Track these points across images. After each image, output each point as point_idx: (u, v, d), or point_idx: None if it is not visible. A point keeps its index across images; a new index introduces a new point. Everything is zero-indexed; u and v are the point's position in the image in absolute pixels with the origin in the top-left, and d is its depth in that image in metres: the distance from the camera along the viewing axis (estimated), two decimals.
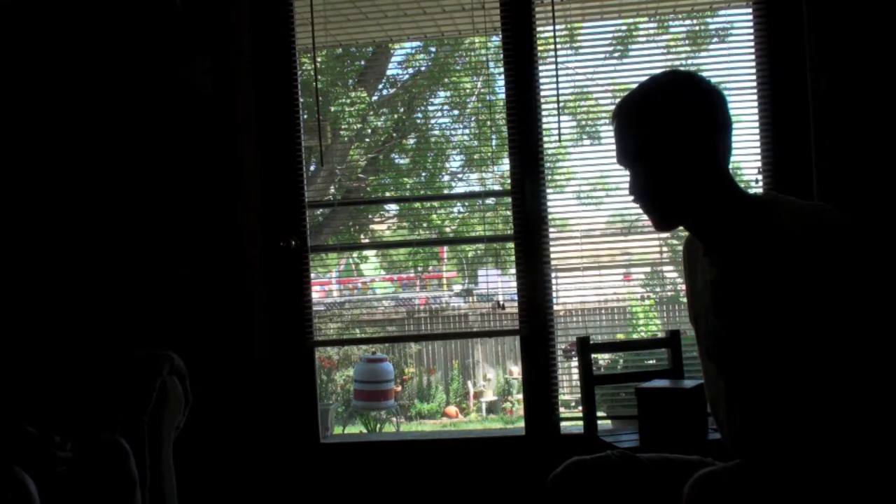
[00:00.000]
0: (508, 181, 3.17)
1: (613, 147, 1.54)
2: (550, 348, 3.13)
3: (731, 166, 1.52)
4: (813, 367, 1.36)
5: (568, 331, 3.36)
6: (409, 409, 6.66)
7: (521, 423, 3.27)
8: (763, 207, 1.45)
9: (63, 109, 3.14)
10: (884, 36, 2.89)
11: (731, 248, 1.45)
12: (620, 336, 3.70)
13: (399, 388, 6.50)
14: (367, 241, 4.40)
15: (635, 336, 3.73)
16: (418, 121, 4.27)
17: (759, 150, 3.04)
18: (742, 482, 1.36)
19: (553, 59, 3.11)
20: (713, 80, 3.10)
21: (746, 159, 3.10)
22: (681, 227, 1.54)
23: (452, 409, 6.67)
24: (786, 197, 1.47)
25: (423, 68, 4.86)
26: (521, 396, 3.60)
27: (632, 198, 1.54)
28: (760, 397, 1.43)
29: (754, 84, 3.04)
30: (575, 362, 2.92)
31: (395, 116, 4.66)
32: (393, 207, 4.40)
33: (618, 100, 1.55)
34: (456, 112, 3.84)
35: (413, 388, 6.83)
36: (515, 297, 3.18)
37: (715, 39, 3.38)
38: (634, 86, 1.53)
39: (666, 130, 1.44)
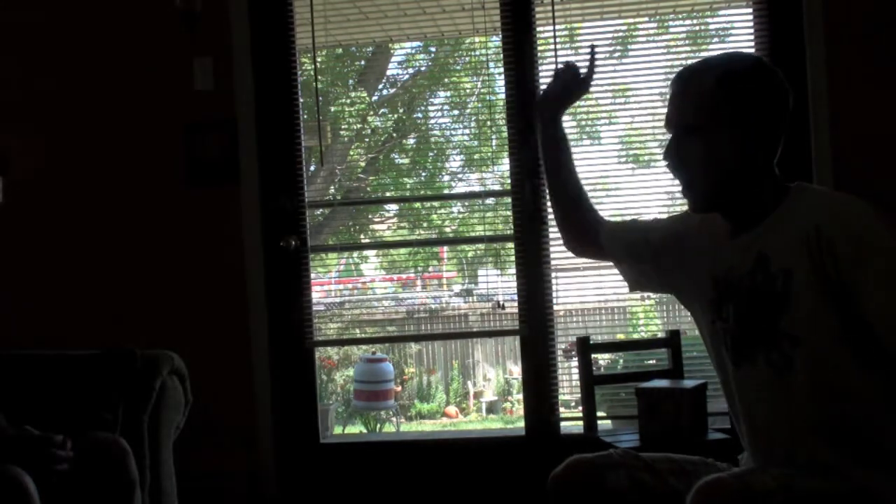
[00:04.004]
0: (508, 181, 3.17)
1: (613, 146, 1.55)
2: (550, 348, 3.13)
3: None
4: (861, 348, 1.37)
5: (568, 331, 3.36)
6: (409, 409, 6.66)
7: (521, 423, 3.27)
8: (800, 193, 1.47)
9: (63, 107, 3.14)
10: (884, 35, 2.90)
11: (772, 231, 1.45)
12: (620, 336, 3.71)
13: (399, 388, 6.50)
14: (367, 241, 4.39)
15: (635, 336, 3.73)
16: (418, 121, 4.27)
17: None
18: (749, 489, 1.34)
19: (553, 59, 3.10)
20: None
21: None
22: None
23: (452, 409, 6.66)
24: (813, 185, 1.50)
25: (423, 68, 4.86)
26: (521, 396, 3.61)
27: (666, 163, 1.53)
28: (800, 382, 1.42)
29: None
30: (575, 362, 2.92)
31: (395, 116, 4.66)
32: (393, 207, 4.39)
33: (680, 68, 1.55)
34: (456, 112, 3.84)
35: (413, 388, 6.82)
36: (515, 297, 3.18)
37: (715, 39, 3.38)
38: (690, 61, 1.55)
39: (727, 112, 1.44)
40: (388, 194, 4.25)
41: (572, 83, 1.81)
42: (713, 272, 1.55)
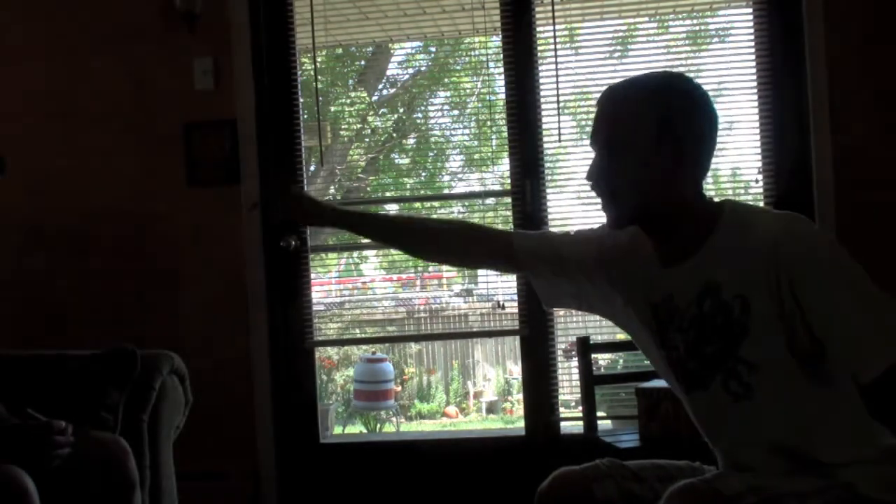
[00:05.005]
0: (508, 181, 3.17)
1: None
2: (550, 348, 3.13)
3: (730, 167, 1.51)
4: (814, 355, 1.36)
5: (568, 331, 3.35)
6: (409, 409, 6.65)
7: (521, 423, 3.27)
8: (737, 215, 1.44)
9: (63, 107, 3.14)
10: (884, 35, 2.90)
11: (717, 256, 1.42)
12: (620, 336, 3.70)
13: (399, 388, 6.49)
14: (367, 241, 4.39)
15: None
16: (418, 121, 4.27)
17: (758, 151, 3.04)
18: (718, 493, 1.34)
19: (553, 59, 3.10)
20: (713, 80, 3.13)
21: (746, 159, 3.10)
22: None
23: (452, 410, 6.65)
24: (744, 203, 1.49)
25: (423, 68, 4.86)
26: (521, 396, 3.61)
27: (589, 183, 1.50)
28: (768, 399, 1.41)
29: (754, 84, 3.04)
30: (575, 362, 2.92)
31: (395, 116, 4.66)
32: (393, 207, 4.39)
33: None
34: (456, 112, 3.83)
35: (413, 388, 6.82)
36: (515, 297, 3.18)
37: (715, 39, 3.38)
38: (632, 74, 1.51)
39: (654, 130, 1.41)
40: (388, 194, 4.24)
41: (285, 203, 1.77)
42: (650, 299, 1.51)
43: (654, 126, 1.41)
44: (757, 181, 3.06)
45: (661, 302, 1.49)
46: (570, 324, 3.38)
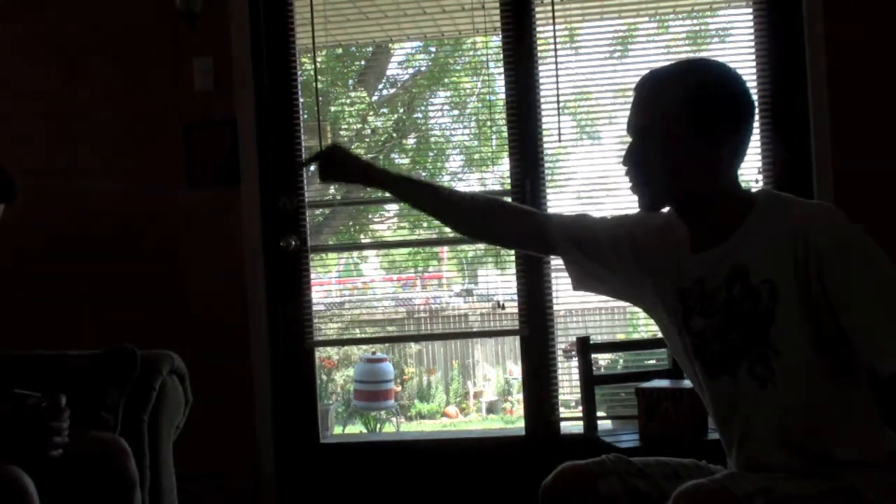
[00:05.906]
0: (508, 181, 3.17)
1: (613, 146, 1.53)
2: (550, 348, 3.13)
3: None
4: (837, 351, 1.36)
5: (568, 331, 3.36)
6: (409, 409, 6.65)
7: (521, 423, 3.27)
8: (770, 203, 1.45)
9: (63, 107, 3.14)
10: (884, 34, 2.90)
11: (748, 242, 1.43)
12: (620, 336, 3.70)
13: (399, 388, 6.49)
14: (367, 241, 4.39)
15: (635, 336, 3.72)
16: (418, 121, 4.27)
17: (759, 150, 3.04)
18: (728, 492, 1.34)
19: (553, 59, 3.10)
20: None
21: (746, 159, 3.08)
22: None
23: (452, 410, 6.65)
24: (780, 192, 1.49)
25: (423, 68, 4.85)
26: (521, 396, 3.61)
27: (624, 168, 1.51)
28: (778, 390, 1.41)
29: (754, 84, 3.04)
30: (575, 362, 2.92)
31: (395, 116, 4.66)
32: (393, 207, 4.38)
33: (641, 76, 1.54)
34: (456, 112, 3.83)
35: (413, 388, 6.82)
36: (515, 297, 3.18)
37: (715, 39, 3.38)
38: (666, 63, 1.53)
39: (691, 116, 1.42)
40: (388, 194, 4.22)
41: (327, 161, 1.81)
42: (680, 284, 1.52)
43: (690, 112, 1.43)
44: (757, 181, 3.06)
45: (691, 287, 1.50)
46: (570, 324, 3.38)
